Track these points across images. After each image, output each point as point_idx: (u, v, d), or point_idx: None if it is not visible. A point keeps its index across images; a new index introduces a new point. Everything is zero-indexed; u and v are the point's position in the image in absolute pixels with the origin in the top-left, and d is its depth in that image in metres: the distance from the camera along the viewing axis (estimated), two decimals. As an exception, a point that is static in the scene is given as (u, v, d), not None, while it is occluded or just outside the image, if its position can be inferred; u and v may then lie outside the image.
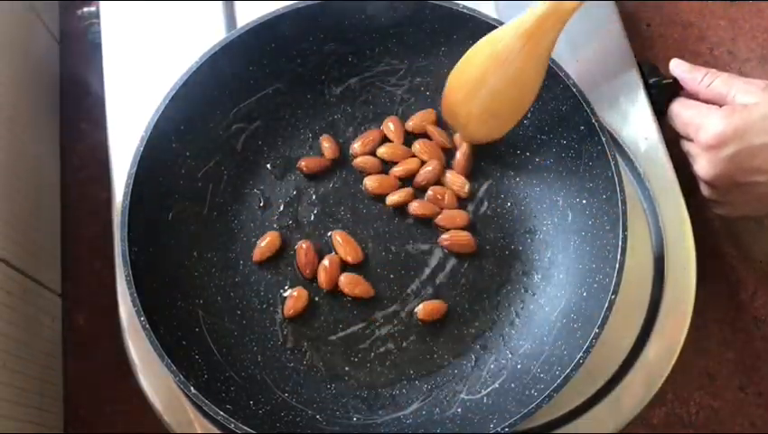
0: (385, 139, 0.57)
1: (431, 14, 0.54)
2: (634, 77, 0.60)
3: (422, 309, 0.53)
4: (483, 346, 0.52)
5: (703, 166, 0.54)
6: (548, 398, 0.45)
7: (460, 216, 0.55)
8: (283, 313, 0.53)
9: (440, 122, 0.57)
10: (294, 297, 0.53)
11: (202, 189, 0.55)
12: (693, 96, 0.57)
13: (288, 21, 0.54)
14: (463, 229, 0.55)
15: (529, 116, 0.55)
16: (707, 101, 0.55)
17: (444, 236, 0.54)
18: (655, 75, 0.59)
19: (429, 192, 0.55)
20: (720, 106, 0.54)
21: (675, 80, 0.58)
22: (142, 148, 0.50)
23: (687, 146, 0.56)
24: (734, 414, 0.59)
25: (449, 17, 0.54)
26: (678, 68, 0.58)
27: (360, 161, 0.56)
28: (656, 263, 0.55)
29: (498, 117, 0.47)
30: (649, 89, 0.59)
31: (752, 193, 0.54)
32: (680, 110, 0.56)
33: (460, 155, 0.56)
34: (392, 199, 0.55)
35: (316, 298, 0.54)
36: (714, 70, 0.56)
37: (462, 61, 0.45)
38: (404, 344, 0.53)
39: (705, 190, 0.56)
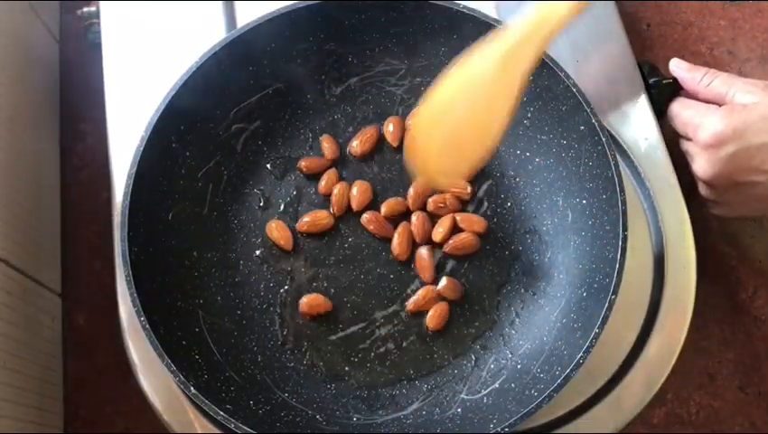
0: (382, 139, 0.57)
1: (431, 14, 0.54)
2: (634, 77, 0.60)
3: (429, 316, 0.52)
4: (483, 346, 0.52)
5: (701, 166, 0.54)
6: (548, 398, 0.45)
7: (478, 222, 0.55)
8: (305, 312, 0.53)
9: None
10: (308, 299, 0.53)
11: (202, 189, 0.55)
12: (693, 96, 0.57)
13: (288, 21, 0.54)
14: (476, 233, 0.55)
15: (529, 116, 0.55)
16: (706, 101, 0.56)
17: (449, 241, 0.54)
18: (655, 75, 0.59)
19: (430, 203, 0.55)
20: (720, 105, 0.54)
21: (675, 80, 0.58)
22: (142, 148, 0.50)
23: (686, 145, 0.56)
24: (734, 414, 0.59)
25: (449, 17, 0.54)
26: (677, 68, 0.58)
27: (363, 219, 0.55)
28: (656, 263, 0.55)
29: (459, 150, 0.43)
30: (649, 89, 0.59)
31: (750, 194, 0.54)
32: (680, 110, 0.57)
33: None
34: (396, 249, 0.54)
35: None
36: (713, 69, 0.56)
37: (434, 90, 0.42)
38: (404, 344, 0.53)
39: (703, 189, 0.56)
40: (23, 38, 0.63)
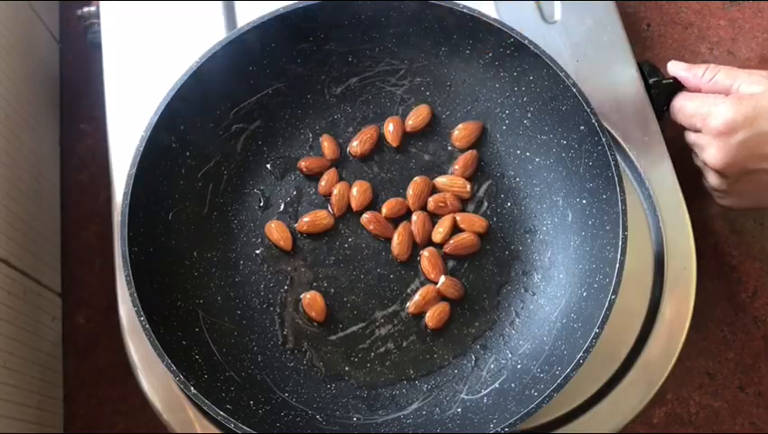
0: (382, 139, 0.57)
1: (431, 14, 0.54)
2: (634, 77, 0.60)
3: (429, 316, 0.53)
4: (483, 346, 0.52)
5: (713, 154, 0.54)
6: (548, 398, 0.45)
7: (479, 222, 0.55)
8: (305, 312, 0.53)
9: (435, 118, 0.58)
10: (308, 299, 0.53)
11: (202, 189, 0.55)
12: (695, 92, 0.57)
13: (288, 21, 0.54)
14: (477, 233, 0.55)
15: (529, 116, 0.55)
16: None
17: (449, 241, 0.54)
18: (655, 75, 0.59)
19: (430, 202, 0.55)
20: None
21: (675, 80, 0.58)
22: (142, 148, 0.50)
23: (693, 137, 0.56)
24: (734, 414, 0.59)
25: (449, 17, 0.54)
26: (676, 68, 0.58)
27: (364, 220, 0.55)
28: (656, 263, 0.55)
29: None
30: (649, 89, 0.59)
31: (760, 183, 0.54)
32: (685, 103, 0.56)
33: (463, 159, 0.56)
34: (396, 249, 0.54)
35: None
36: (713, 64, 0.56)
37: None
38: (404, 344, 0.53)
39: (713, 179, 0.56)
40: (23, 38, 0.63)
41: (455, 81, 0.57)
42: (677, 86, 0.58)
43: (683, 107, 0.56)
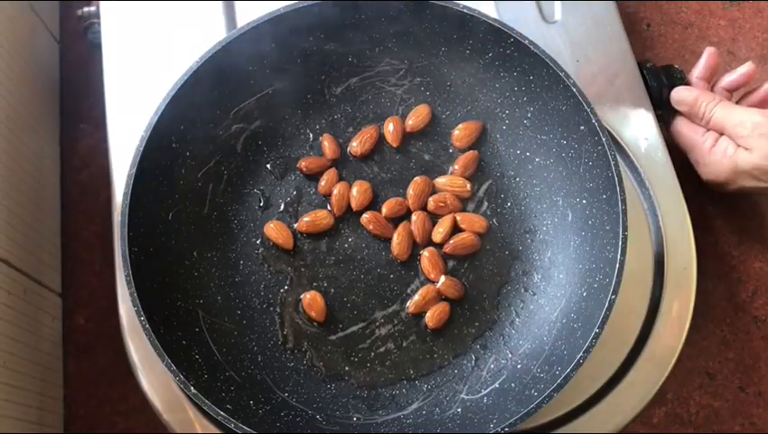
0: (382, 139, 0.57)
1: (431, 14, 0.54)
2: (634, 77, 0.60)
3: (429, 316, 0.53)
4: (483, 346, 0.52)
5: (708, 189, 0.60)
6: (548, 398, 0.45)
7: (479, 222, 0.55)
8: (305, 312, 0.53)
9: (435, 118, 0.58)
10: (308, 299, 0.53)
11: (202, 189, 0.55)
12: None
13: (288, 21, 0.54)
14: (477, 233, 0.55)
15: (529, 116, 0.55)
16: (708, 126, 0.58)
17: (449, 241, 0.54)
18: (655, 76, 0.60)
19: (431, 202, 0.55)
20: (720, 134, 0.57)
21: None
22: (142, 148, 0.50)
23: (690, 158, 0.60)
24: (734, 414, 0.59)
25: (449, 17, 0.54)
26: (680, 101, 0.59)
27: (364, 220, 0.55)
28: (656, 263, 0.55)
29: None
30: (649, 89, 0.59)
31: (756, 192, 0.59)
32: (682, 131, 0.59)
33: (463, 159, 0.56)
34: (396, 249, 0.54)
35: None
36: (710, 102, 0.57)
37: None
38: (404, 344, 0.53)
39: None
40: (23, 38, 0.63)
41: (455, 81, 0.57)
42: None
43: (680, 134, 0.59)
